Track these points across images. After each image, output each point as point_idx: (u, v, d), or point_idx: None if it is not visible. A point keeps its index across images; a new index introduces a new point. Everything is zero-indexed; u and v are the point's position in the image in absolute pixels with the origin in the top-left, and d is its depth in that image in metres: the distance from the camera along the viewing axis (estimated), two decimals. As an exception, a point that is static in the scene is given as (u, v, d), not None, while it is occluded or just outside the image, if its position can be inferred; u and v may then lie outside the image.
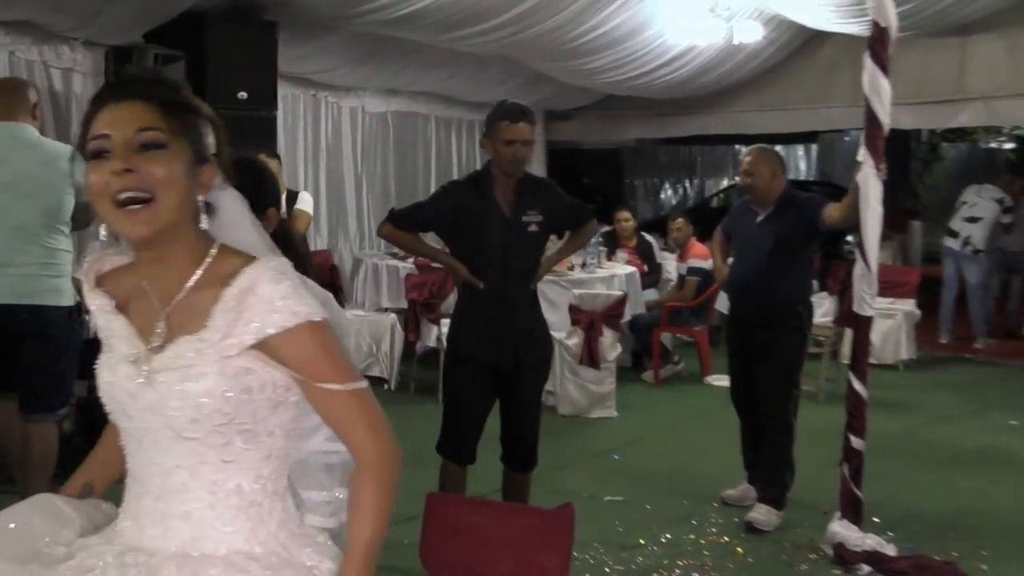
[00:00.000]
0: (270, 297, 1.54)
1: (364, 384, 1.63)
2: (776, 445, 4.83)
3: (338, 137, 10.07)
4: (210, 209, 1.64)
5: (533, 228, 4.06)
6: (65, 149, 4.58)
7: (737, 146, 18.17)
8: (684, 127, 12.08)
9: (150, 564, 1.55)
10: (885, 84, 4.17)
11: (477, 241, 4.02)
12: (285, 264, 1.60)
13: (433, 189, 11.12)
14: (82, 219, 4.44)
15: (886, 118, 4.19)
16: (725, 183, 20.31)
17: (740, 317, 5.02)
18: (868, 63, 4.18)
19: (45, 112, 7.48)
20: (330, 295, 2.42)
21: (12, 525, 1.67)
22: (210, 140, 1.65)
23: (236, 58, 7.35)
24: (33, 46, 7.30)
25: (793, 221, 4.77)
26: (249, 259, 1.60)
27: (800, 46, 10.39)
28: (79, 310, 4.37)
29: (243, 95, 7.41)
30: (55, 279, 4.25)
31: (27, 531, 1.66)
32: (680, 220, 8.70)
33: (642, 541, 4.58)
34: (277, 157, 6.50)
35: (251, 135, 7.11)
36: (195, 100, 1.66)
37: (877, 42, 4.17)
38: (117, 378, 1.60)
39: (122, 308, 1.66)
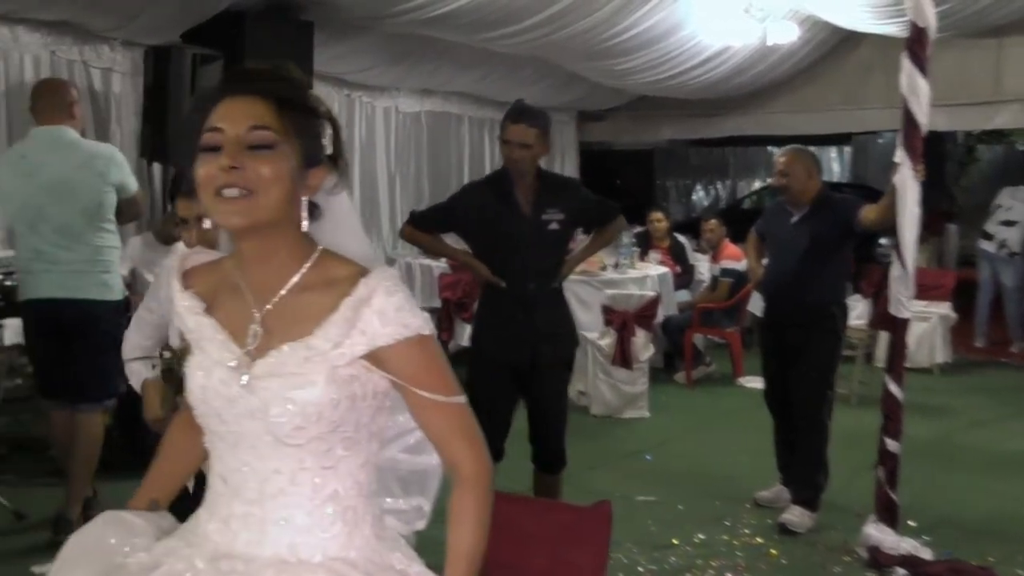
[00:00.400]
0: (384, 309, 1.52)
1: (464, 399, 1.64)
2: (810, 447, 4.81)
3: (372, 137, 10.13)
4: (315, 211, 1.61)
5: (554, 226, 4.07)
6: (104, 149, 4.67)
7: (770, 148, 18.08)
8: (717, 128, 12.03)
9: (248, 571, 1.54)
10: (923, 85, 4.14)
11: (497, 240, 4.05)
12: (396, 275, 1.59)
13: (466, 189, 11.25)
14: (127, 215, 4.53)
15: (924, 119, 4.16)
16: (757, 185, 20.21)
17: (775, 318, 5.00)
18: (906, 64, 4.15)
19: (85, 111, 7.61)
20: None
21: (87, 544, 1.66)
22: (326, 141, 1.62)
23: (273, 58, 7.28)
24: (73, 46, 7.40)
25: (828, 222, 4.75)
26: (359, 268, 1.58)
27: (835, 47, 10.34)
28: (127, 305, 4.47)
29: (279, 95, 7.47)
30: (102, 274, 4.37)
31: (103, 547, 1.65)
32: (713, 221, 8.68)
33: (675, 541, 4.58)
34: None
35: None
36: (315, 100, 1.63)
37: (915, 43, 4.14)
38: (212, 382, 1.57)
39: (209, 307, 1.64)
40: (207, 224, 1.89)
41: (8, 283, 5.85)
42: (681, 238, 9.17)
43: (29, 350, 4.74)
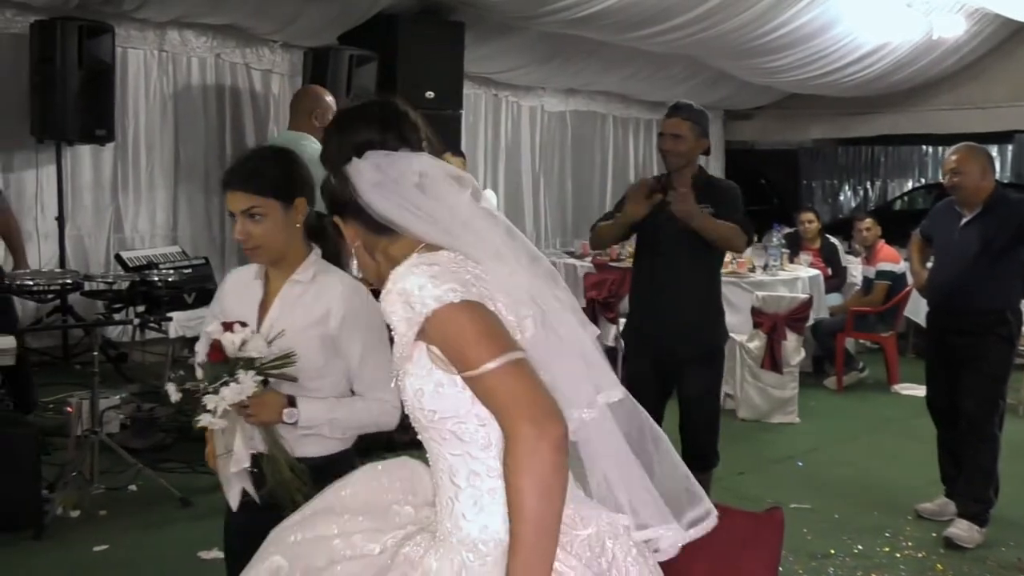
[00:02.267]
0: (409, 291, 1.54)
1: (498, 362, 1.51)
2: (979, 458, 4.59)
3: (517, 136, 10.20)
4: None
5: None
6: (311, 153, 4.79)
7: (924, 146, 17.37)
8: (871, 126, 11.65)
9: (429, 546, 1.65)
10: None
11: (650, 234, 4.13)
12: (435, 256, 1.58)
13: (610, 188, 11.22)
14: None
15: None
16: (910, 185, 19.46)
17: (942, 324, 4.77)
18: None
19: (244, 111, 7.93)
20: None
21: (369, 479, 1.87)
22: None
23: (425, 59, 7.56)
24: (236, 49, 7.72)
25: (1003, 223, 4.50)
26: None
27: (1004, 40, 9.87)
28: None
29: (430, 95, 7.61)
30: None
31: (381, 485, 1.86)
32: (869, 220, 8.36)
33: (832, 551, 4.43)
34: (462, 155, 6.63)
35: (437, 134, 7.27)
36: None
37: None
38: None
39: None
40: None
41: (173, 279, 6.13)
42: (833, 239, 8.90)
43: None
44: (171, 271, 6.24)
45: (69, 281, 5.39)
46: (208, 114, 7.67)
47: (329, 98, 4.82)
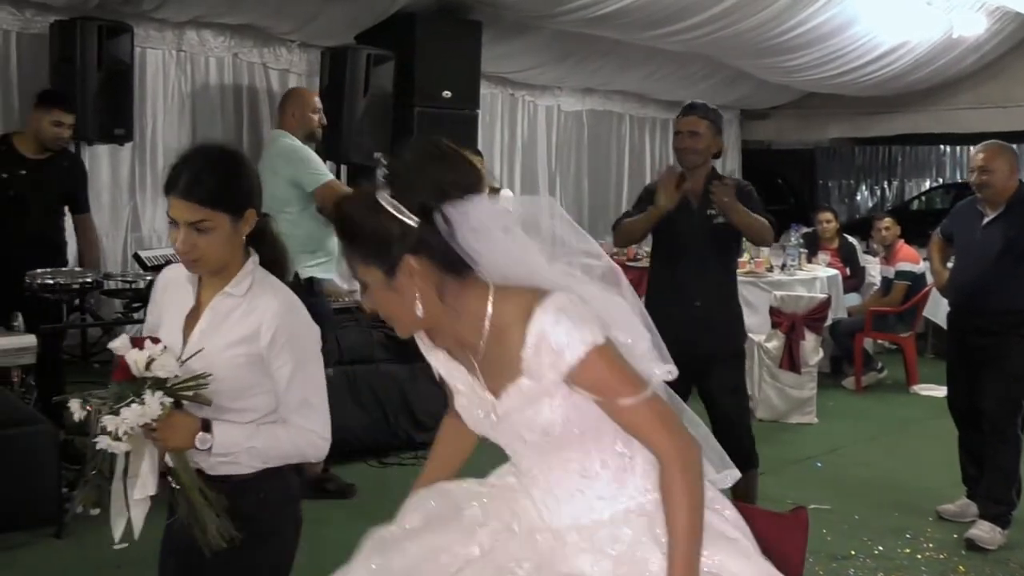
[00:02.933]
0: (557, 341, 1.67)
1: (649, 391, 1.74)
2: (1001, 459, 4.55)
3: (533, 135, 10.19)
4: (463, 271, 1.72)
5: (720, 220, 4.08)
6: (282, 147, 4.89)
7: (942, 146, 17.28)
8: (889, 126, 11.59)
9: (555, 538, 1.83)
10: None
11: (667, 230, 4.15)
12: (558, 299, 1.68)
13: (626, 188, 11.20)
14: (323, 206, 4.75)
15: None
16: (927, 185, 19.34)
17: (963, 324, 4.74)
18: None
19: (261, 111, 7.94)
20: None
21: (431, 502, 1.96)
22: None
23: (442, 58, 7.55)
24: (254, 48, 7.73)
25: (1024, 223, 4.47)
26: (524, 304, 1.69)
27: (1024, 39, 9.81)
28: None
29: (447, 94, 7.61)
30: None
31: (449, 490, 2.00)
32: (888, 220, 8.32)
33: (853, 552, 4.41)
34: (479, 154, 6.60)
35: (453, 134, 7.24)
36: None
37: None
38: (475, 417, 1.86)
39: (450, 352, 1.86)
40: None
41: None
42: (851, 239, 8.86)
43: None
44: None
45: (89, 280, 5.40)
46: (226, 114, 7.68)
47: (313, 100, 5.04)
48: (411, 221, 1.66)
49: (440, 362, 1.87)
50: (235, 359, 2.22)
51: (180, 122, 7.47)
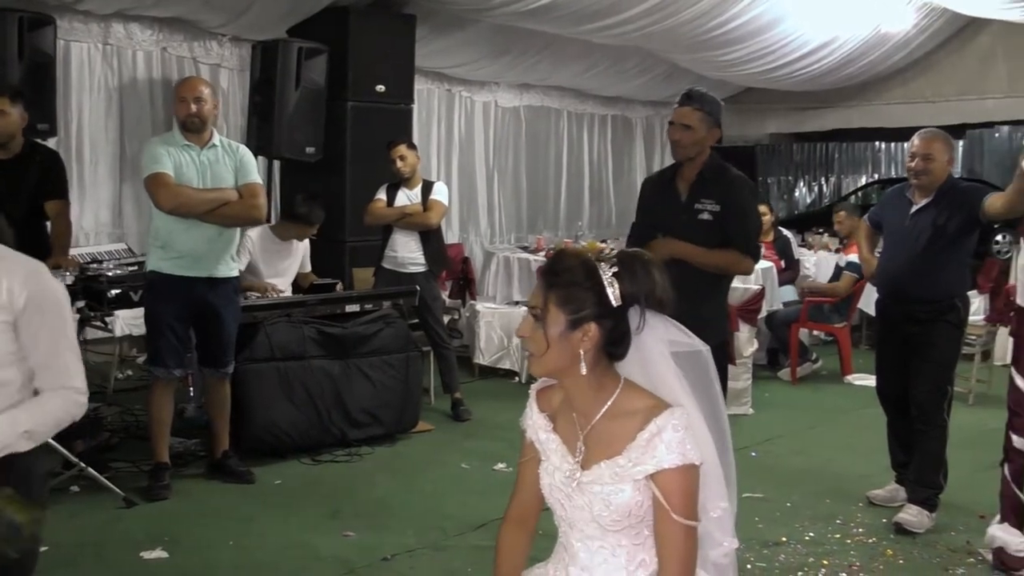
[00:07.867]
0: (671, 441, 1.92)
1: (696, 524, 1.96)
2: (928, 445, 4.61)
3: (471, 131, 10.13)
4: (617, 351, 1.98)
5: (705, 216, 3.97)
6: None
7: (876, 143, 17.57)
8: (824, 121, 11.76)
9: None
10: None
11: (654, 225, 4.07)
12: (683, 414, 1.94)
13: (564, 184, 11.20)
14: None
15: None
16: (863, 181, 19.66)
17: (892, 311, 4.78)
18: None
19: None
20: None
21: None
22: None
23: (376, 52, 7.48)
24: (184, 42, 7.57)
25: (954, 211, 4.49)
26: (652, 402, 1.96)
27: (952, 35, 9.96)
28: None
29: (381, 88, 7.53)
30: None
31: None
32: (843, 213, 8.55)
33: (784, 539, 4.43)
34: (414, 148, 6.55)
35: (387, 128, 7.22)
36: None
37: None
38: (555, 482, 2.05)
39: (552, 423, 2.10)
40: None
41: (117, 274, 5.97)
42: (786, 232, 8.94)
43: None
44: (116, 268, 6.10)
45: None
46: (155, 109, 7.51)
47: (181, 88, 4.97)
48: (615, 301, 1.93)
49: (539, 426, 2.11)
50: None
51: (107, 117, 7.30)
